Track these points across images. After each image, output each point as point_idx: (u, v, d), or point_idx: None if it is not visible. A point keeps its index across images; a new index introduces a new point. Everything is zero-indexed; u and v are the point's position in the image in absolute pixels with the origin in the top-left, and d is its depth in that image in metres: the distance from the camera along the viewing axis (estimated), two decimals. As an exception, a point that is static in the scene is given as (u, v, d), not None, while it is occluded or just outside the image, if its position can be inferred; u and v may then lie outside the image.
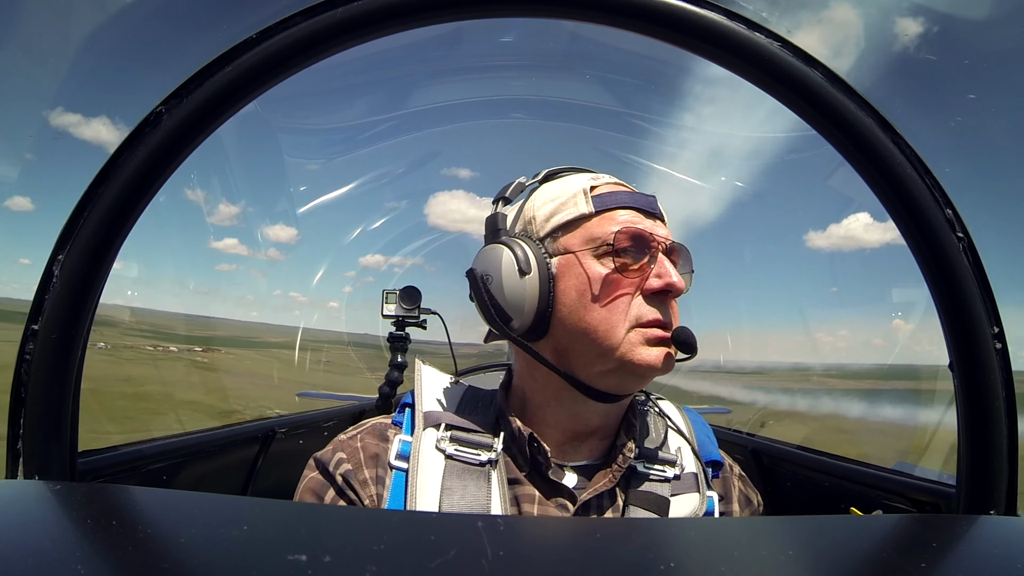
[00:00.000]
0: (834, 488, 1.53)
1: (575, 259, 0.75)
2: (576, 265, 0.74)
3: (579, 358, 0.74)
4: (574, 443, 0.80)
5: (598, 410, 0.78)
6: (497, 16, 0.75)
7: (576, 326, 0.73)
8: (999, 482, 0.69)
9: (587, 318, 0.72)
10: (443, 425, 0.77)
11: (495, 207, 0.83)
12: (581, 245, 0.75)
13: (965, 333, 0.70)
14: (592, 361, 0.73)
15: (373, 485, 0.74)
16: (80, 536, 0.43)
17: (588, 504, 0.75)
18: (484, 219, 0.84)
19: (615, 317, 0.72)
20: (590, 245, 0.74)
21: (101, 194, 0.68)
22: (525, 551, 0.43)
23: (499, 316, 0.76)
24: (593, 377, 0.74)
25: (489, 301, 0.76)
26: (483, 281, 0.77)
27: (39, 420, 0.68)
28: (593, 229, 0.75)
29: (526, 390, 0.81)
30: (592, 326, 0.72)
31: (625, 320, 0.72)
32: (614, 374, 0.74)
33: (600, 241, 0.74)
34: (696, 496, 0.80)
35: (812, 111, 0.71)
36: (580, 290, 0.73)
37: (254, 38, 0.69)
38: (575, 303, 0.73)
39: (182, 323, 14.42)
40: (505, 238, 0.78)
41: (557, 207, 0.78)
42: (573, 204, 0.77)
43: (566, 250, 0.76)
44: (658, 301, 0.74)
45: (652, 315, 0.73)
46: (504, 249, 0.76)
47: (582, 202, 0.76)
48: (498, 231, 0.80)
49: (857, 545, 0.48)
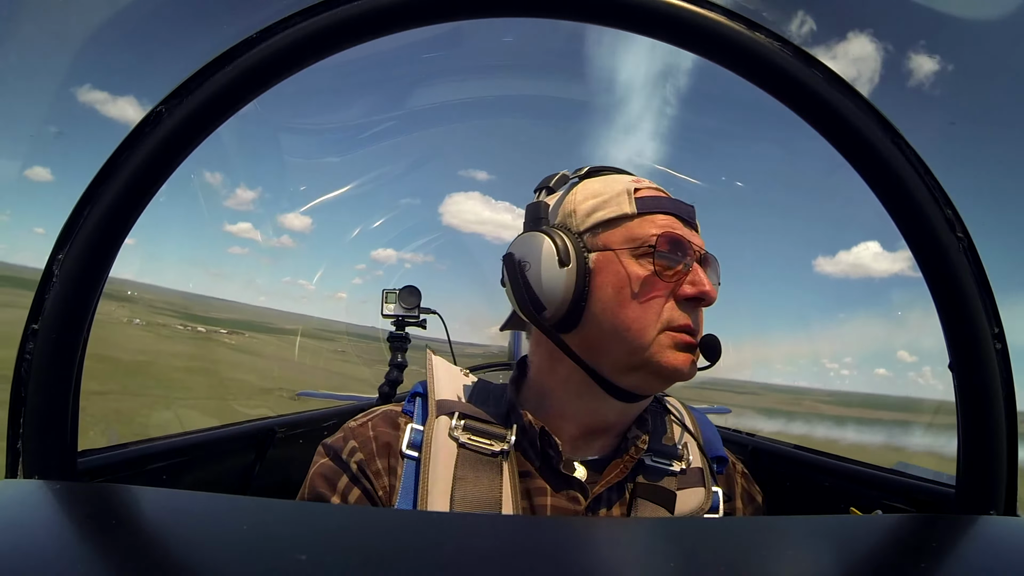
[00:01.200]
0: (834, 488, 1.53)
1: (614, 256, 0.75)
2: (615, 262, 0.75)
3: (607, 354, 0.75)
4: (587, 438, 0.80)
5: (616, 408, 0.78)
6: (497, 16, 0.74)
7: (609, 322, 0.74)
8: (998, 482, 0.69)
9: (620, 315, 0.73)
10: (457, 414, 0.77)
11: (537, 195, 0.84)
12: (621, 244, 0.76)
13: (965, 333, 0.70)
14: (620, 358, 0.74)
15: (386, 476, 0.75)
16: (80, 536, 0.43)
17: (599, 497, 0.75)
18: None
19: (648, 317, 0.73)
20: (630, 245, 0.75)
21: (101, 193, 0.68)
22: (527, 551, 0.43)
23: (532, 304, 0.76)
24: (618, 374, 0.75)
25: (524, 287, 0.77)
26: (520, 267, 0.77)
27: (39, 420, 0.68)
28: (634, 230, 0.76)
29: (545, 383, 0.81)
30: (625, 324, 0.73)
31: (657, 322, 0.73)
32: (639, 373, 0.74)
33: (640, 242, 0.75)
34: (702, 491, 0.80)
35: (812, 111, 0.71)
36: (617, 287, 0.74)
37: (254, 38, 0.69)
38: (610, 299, 0.74)
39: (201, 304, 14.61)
40: (546, 227, 0.79)
41: (599, 204, 0.78)
42: (616, 203, 0.77)
43: (605, 247, 0.76)
44: (689, 307, 0.75)
45: (683, 320, 0.74)
46: (545, 238, 0.76)
47: (625, 202, 0.77)
48: (540, 219, 0.81)
49: (857, 545, 0.48)
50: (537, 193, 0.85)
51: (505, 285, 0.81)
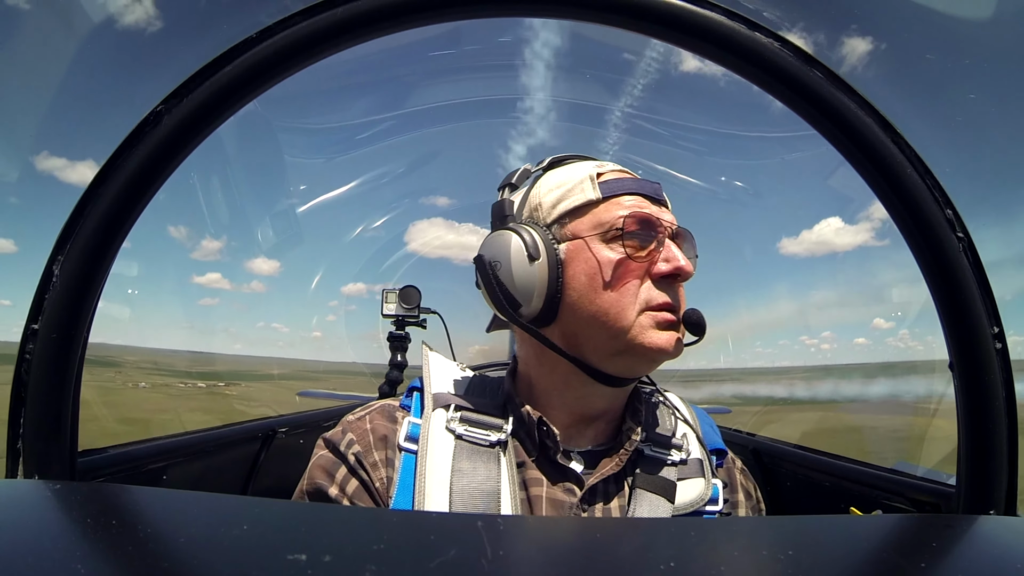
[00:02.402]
0: (834, 488, 1.53)
1: (584, 244, 0.75)
2: (585, 250, 0.75)
3: (589, 342, 0.75)
4: (580, 427, 0.80)
5: (604, 394, 0.78)
6: (497, 16, 0.75)
7: (586, 310, 0.73)
8: (999, 482, 0.69)
9: (597, 302, 0.73)
10: (453, 406, 0.77)
11: (500, 194, 0.83)
12: (589, 230, 0.75)
13: (965, 333, 0.70)
14: (602, 345, 0.74)
15: (383, 468, 0.75)
16: (80, 536, 0.43)
17: (595, 488, 0.75)
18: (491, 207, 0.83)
19: (625, 300, 0.72)
20: (598, 230, 0.75)
21: (101, 194, 0.68)
22: (525, 551, 0.43)
23: (508, 302, 0.76)
24: (603, 361, 0.75)
25: (498, 287, 0.76)
26: (492, 267, 0.77)
27: (39, 420, 0.68)
28: (601, 215, 0.75)
29: (532, 376, 0.82)
30: (603, 310, 0.73)
31: (635, 303, 0.73)
32: (624, 357, 0.74)
33: (608, 226, 0.74)
34: (701, 481, 0.80)
35: (812, 111, 0.71)
36: (590, 275, 0.74)
37: (254, 38, 0.69)
38: (585, 288, 0.74)
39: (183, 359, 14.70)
40: (513, 224, 0.78)
41: (564, 193, 0.78)
42: (580, 190, 0.77)
43: (574, 235, 0.76)
44: (666, 285, 0.75)
45: (662, 299, 0.73)
46: (512, 235, 0.76)
47: (589, 188, 0.76)
48: (506, 217, 0.80)
49: (857, 545, 0.48)
50: (500, 191, 0.84)
51: (480, 287, 0.80)
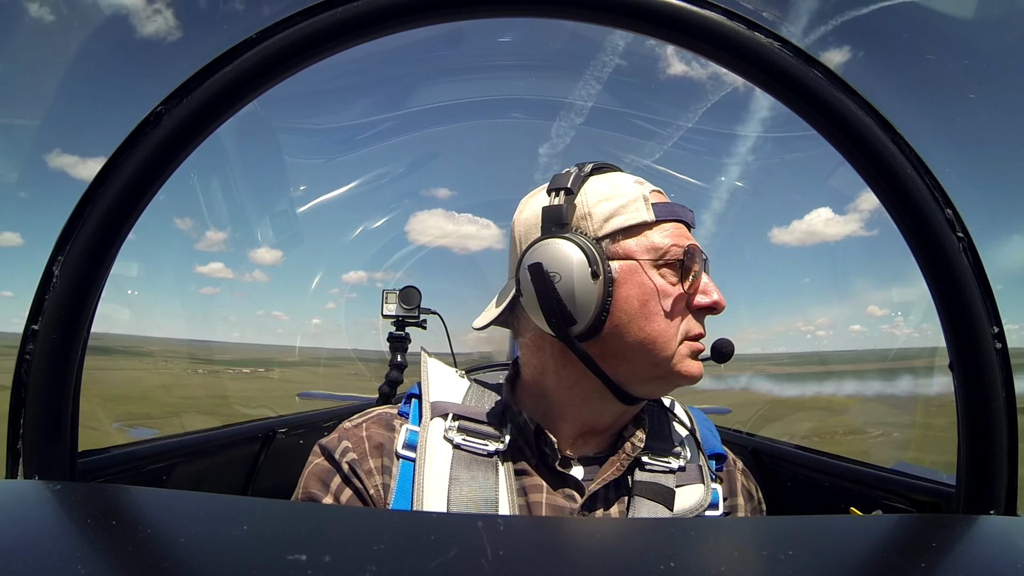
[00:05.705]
0: (834, 488, 1.53)
1: (639, 267, 0.73)
2: (640, 273, 0.73)
3: (628, 364, 0.74)
4: (585, 437, 0.80)
5: (618, 410, 0.78)
6: (497, 16, 0.75)
7: (634, 335, 0.72)
8: (999, 482, 0.69)
9: (647, 328, 0.72)
10: (451, 415, 0.77)
11: (552, 197, 0.77)
12: (644, 253, 0.74)
13: (965, 333, 0.70)
14: (643, 370, 0.74)
15: (378, 475, 0.74)
16: (80, 536, 0.43)
17: (596, 495, 0.75)
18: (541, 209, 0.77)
19: (672, 330, 0.73)
20: (651, 255, 0.73)
21: (101, 194, 0.68)
22: (525, 551, 0.43)
23: (564, 318, 0.72)
24: (636, 383, 0.75)
25: (556, 301, 0.72)
26: (550, 279, 0.72)
27: (39, 420, 0.68)
28: (653, 239, 0.74)
29: (547, 387, 0.80)
30: (651, 337, 0.72)
31: (679, 334, 0.74)
32: (659, 382, 0.75)
33: (662, 252, 0.73)
34: (700, 487, 0.80)
35: (812, 111, 0.71)
36: (643, 300, 0.72)
37: (254, 38, 0.69)
38: (636, 312, 0.72)
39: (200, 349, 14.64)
40: (570, 235, 0.74)
41: (617, 208, 0.75)
42: (635, 209, 0.75)
43: (626, 255, 0.74)
44: (701, 316, 0.76)
45: (699, 330, 0.75)
46: (576, 248, 0.72)
47: (643, 209, 0.75)
48: (564, 225, 0.75)
49: (857, 545, 0.48)
50: (551, 195, 0.78)
51: (522, 295, 0.76)
